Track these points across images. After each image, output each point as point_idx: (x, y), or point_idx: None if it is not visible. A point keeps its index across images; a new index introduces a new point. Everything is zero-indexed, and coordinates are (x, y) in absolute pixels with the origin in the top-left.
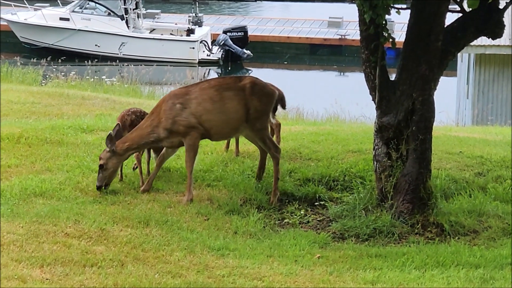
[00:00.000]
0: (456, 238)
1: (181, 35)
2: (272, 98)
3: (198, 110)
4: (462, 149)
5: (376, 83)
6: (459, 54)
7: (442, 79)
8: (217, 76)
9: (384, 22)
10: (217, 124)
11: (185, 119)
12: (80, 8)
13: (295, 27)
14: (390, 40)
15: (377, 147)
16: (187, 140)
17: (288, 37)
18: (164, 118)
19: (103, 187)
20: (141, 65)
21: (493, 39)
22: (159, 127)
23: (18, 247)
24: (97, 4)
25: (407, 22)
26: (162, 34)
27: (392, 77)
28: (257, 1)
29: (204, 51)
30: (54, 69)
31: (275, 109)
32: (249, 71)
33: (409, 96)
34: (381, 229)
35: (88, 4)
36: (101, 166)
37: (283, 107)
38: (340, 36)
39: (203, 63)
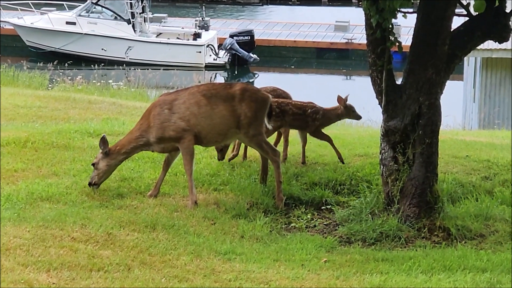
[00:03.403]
0: (463, 242)
1: (188, 39)
2: (265, 104)
3: (186, 115)
4: (469, 153)
5: (383, 87)
6: (465, 58)
7: (449, 83)
8: (209, 82)
9: (390, 26)
10: (204, 129)
11: (174, 124)
12: (87, 12)
13: (302, 31)
14: (397, 44)
15: (383, 151)
16: (181, 144)
17: (294, 41)
18: (153, 124)
19: (92, 185)
20: (147, 69)
21: (500, 43)
22: (148, 132)
23: (25, 252)
24: (103, 8)
25: (414, 26)
26: (168, 38)
27: (399, 81)
28: (264, 5)
29: (210, 55)
30: (60, 73)
31: (270, 114)
32: (256, 75)
33: (416, 100)
34: (388, 233)
35: (95, 8)
36: (92, 164)
37: None
38: (346, 40)
39: (209, 67)
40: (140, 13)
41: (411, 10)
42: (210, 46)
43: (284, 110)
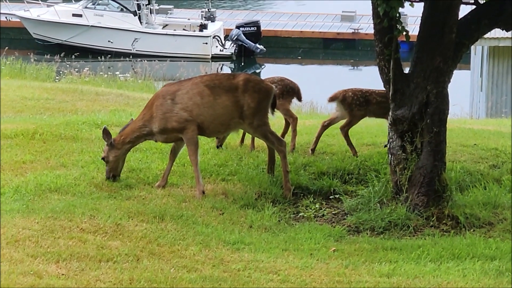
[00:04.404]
0: (471, 230)
1: (194, 31)
2: (268, 94)
3: (189, 105)
4: (477, 141)
5: (390, 76)
6: (472, 47)
7: (456, 72)
8: (215, 72)
9: (397, 15)
10: (207, 119)
11: (176, 114)
12: (93, 4)
13: (308, 22)
14: (404, 33)
15: (391, 140)
16: (184, 134)
17: (301, 31)
18: (156, 114)
19: (111, 178)
20: (154, 60)
21: (507, 31)
22: (151, 122)
23: (34, 243)
24: (109, 0)
25: (421, 15)
26: (175, 30)
27: (406, 70)
28: None
29: (217, 46)
30: (67, 65)
31: (274, 105)
32: (262, 66)
33: (424, 89)
34: (396, 222)
35: (101, 0)
36: (102, 159)
37: (299, 99)
38: (353, 30)
39: (216, 58)
40: (146, 5)
41: None
42: (216, 37)
43: (367, 99)
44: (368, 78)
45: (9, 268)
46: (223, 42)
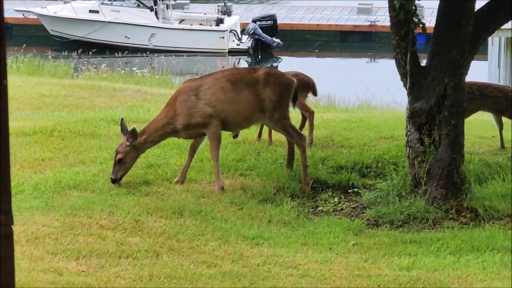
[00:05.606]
0: (491, 222)
1: (211, 25)
2: (289, 88)
3: (212, 100)
4: (495, 133)
5: (407, 69)
6: (490, 38)
7: (473, 63)
8: (234, 67)
9: (414, 7)
10: (230, 114)
11: (200, 110)
12: (109, 0)
13: (325, 15)
14: (421, 25)
15: (409, 133)
16: (208, 130)
17: (318, 24)
18: (180, 111)
19: (118, 181)
20: (171, 55)
21: None
22: (175, 119)
23: (54, 240)
24: None
25: (437, 7)
26: (191, 25)
27: (423, 62)
28: None
29: (233, 41)
30: (85, 62)
31: (295, 98)
32: (279, 60)
33: (441, 81)
34: (415, 215)
35: None
36: (120, 160)
37: (314, 94)
38: (370, 23)
39: (233, 52)
40: (162, 0)
41: None
42: (233, 31)
43: (484, 93)
44: (386, 70)
45: (29, 265)
46: (240, 36)
